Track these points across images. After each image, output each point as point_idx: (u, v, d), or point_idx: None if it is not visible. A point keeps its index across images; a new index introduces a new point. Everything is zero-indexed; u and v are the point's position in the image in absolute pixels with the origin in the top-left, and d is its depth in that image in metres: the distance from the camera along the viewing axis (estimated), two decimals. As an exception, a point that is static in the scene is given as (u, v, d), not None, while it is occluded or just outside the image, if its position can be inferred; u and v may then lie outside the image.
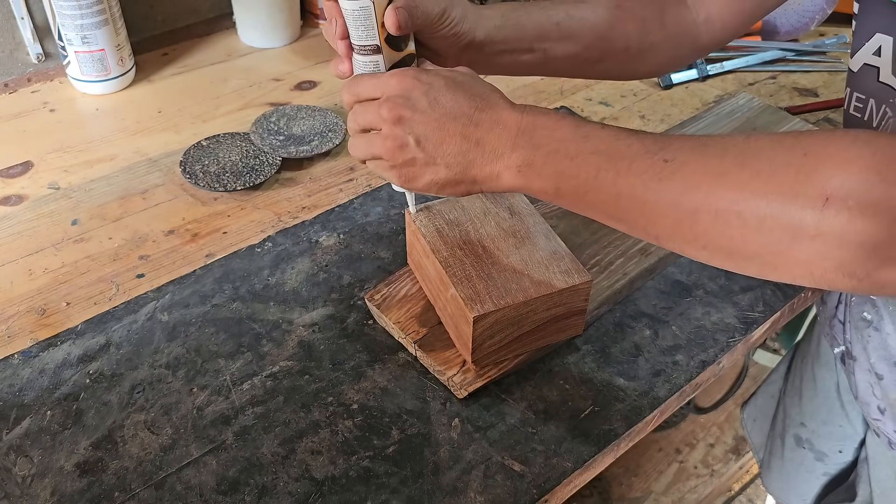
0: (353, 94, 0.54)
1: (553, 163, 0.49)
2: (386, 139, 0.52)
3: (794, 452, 0.93)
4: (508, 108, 0.51)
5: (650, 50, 0.67)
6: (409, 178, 0.53)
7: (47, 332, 0.67)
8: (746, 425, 1.07)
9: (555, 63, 0.65)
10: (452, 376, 0.62)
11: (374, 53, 0.55)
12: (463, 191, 0.53)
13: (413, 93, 0.51)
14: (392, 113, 0.51)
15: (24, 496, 0.55)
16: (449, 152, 0.51)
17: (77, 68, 0.95)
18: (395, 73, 0.53)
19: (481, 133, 0.51)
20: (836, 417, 0.86)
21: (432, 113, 0.51)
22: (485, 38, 0.60)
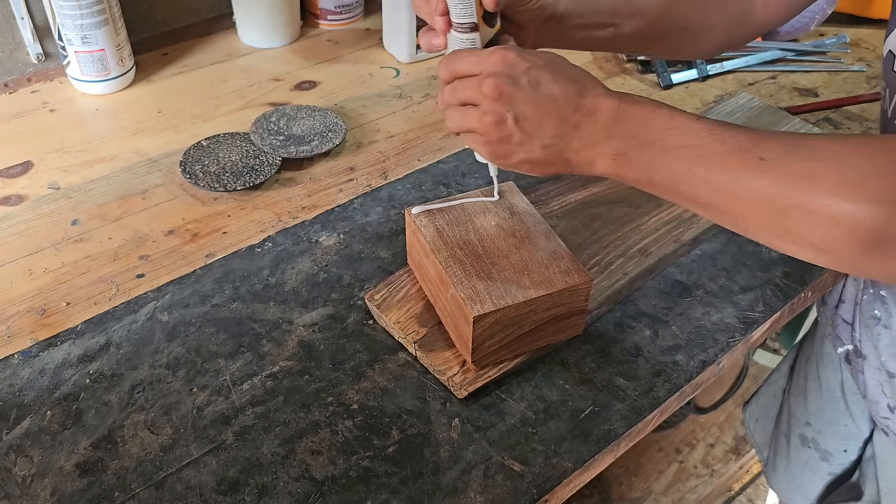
0: (452, 69, 0.55)
1: (647, 154, 0.50)
2: (484, 114, 0.53)
3: (800, 452, 0.93)
4: (605, 94, 0.52)
5: (709, 30, 0.69)
6: (502, 154, 0.54)
7: (47, 332, 0.67)
8: (749, 425, 1.07)
9: (623, 39, 0.66)
10: (452, 376, 0.62)
11: (472, 31, 0.56)
12: (553, 171, 0.55)
13: (514, 70, 0.52)
14: (493, 89, 0.52)
15: (24, 496, 0.55)
16: (546, 133, 0.52)
17: (77, 68, 0.95)
18: (496, 51, 0.53)
19: (579, 117, 0.51)
20: (841, 417, 0.86)
21: (533, 92, 0.52)
22: (565, 11, 0.61)
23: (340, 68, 1.06)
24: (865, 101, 1.00)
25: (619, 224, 0.76)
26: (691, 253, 0.76)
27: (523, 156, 0.54)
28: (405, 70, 1.06)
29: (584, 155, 0.52)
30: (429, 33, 0.59)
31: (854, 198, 0.44)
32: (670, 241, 0.74)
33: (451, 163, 0.88)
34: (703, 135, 0.49)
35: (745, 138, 0.48)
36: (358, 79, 1.04)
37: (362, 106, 0.98)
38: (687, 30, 0.68)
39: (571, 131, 0.52)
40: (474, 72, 0.54)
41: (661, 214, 0.77)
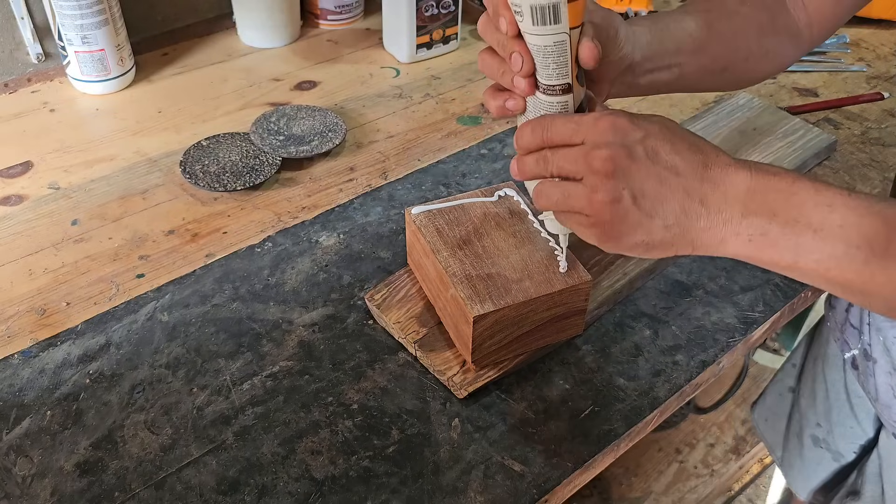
0: (544, 137, 0.48)
1: (792, 234, 0.44)
2: (595, 192, 0.46)
3: (813, 452, 0.93)
4: (734, 163, 0.46)
5: (765, 56, 0.65)
6: (615, 236, 0.47)
7: (47, 332, 0.67)
8: (758, 425, 1.07)
9: (687, 78, 0.61)
10: (452, 376, 0.62)
11: (565, 93, 0.48)
12: (673, 253, 0.48)
13: (628, 140, 0.45)
14: (606, 164, 0.45)
15: (24, 496, 0.55)
16: (669, 212, 0.46)
17: (77, 68, 0.95)
18: (603, 116, 0.46)
19: (706, 192, 0.45)
20: (847, 419, 0.86)
21: (653, 165, 0.45)
22: (641, 58, 0.56)
23: (340, 68, 1.06)
24: (865, 101, 1.00)
25: (619, 224, 0.76)
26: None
27: (641, 237, 0.47)
28: (405, 70, 1.06)
29: (714, 234, 0.46)
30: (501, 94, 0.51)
31: None
32: (670, 241, 0.74)
33: (451, 163, 0.88)
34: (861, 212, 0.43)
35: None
36: (358, 79, 1.04)
37: (362, 106, 0.98)
38: (748, 59, 0.63)
39: (698, 208, 0.45)
40: (575, 140, 0.47)
41: (661, 214, 0.77)
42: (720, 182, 0.45)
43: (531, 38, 0.46)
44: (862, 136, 0.94)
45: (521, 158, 0.50)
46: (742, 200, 0.45)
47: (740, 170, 0.46)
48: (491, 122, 0.96)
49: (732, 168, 0.46)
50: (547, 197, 0.49)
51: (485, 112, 0.98)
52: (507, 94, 0.51)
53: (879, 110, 0.98)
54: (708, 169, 0.46)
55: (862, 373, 0.78)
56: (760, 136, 0.88)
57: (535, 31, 0.46)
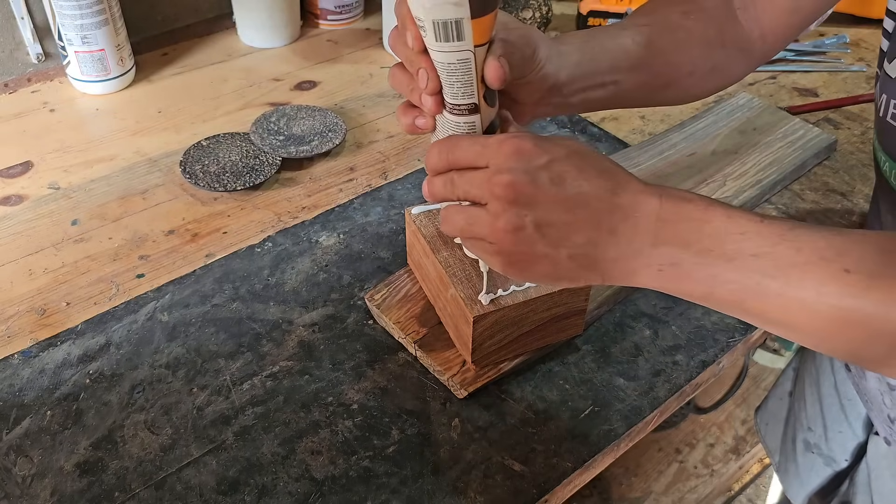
0: (449, 160, 0.46)
1: (706, 265, 0.42)
2: (496, 218, 0.43)
3: (805, 457, 0.93)
4: (643, 190, 0.44)
5: (712, 71, 0.63)
6: (520, 266, 0.45)
7: (47, 332, 0.67)
8: (760, 429, 1.07)
9: (625, 95, 0.59)
10: (452, 376, 0.62)
11: (472, 113, 0.47)
12: (582, 283, 0.46)
13: (532, 165, 0.43)
14: (508, 190, 0.43)
15: (24, 496, 0.55)
16: (575, 242, 0.43)
17: (77, 68, 0.95)
18: (507, 139, 0.44)
19: (616, 221, 0.43)
20: (836, 423, 0.86)
21: (558, 193, 0.43)
22: (566, 78, 0.53)
23: (340, 68, 1.06)
24: (865, 101, 1.00)
25: (619, 224, 0.76)
26: (691, 253, 0.76)
27: (546, 268, 0.44)
28: (405, 70, 1.06)
29: (624, 266, 0.44)
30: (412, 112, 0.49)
31: None
32: (670, 241, 0.74)
33: (451, 163, 0.88)
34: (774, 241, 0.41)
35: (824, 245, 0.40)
36: (358, 79, 1.04)
37: (362, 106, 0.98)
38: (693, 74, 0.61)
39: (606, 238, 0.43)
40: (479, 163, 0.45)
41: (661, 214, 0.77)
42: (630, 211, 0.43)
43: (435, 54, 0.45)
44: (862, 136, 0.94)
45: (431, 180, 0.48)
46: (652, 230, 0.43)
47: (651, 196, 0.43)
48: (491, 122, 0.96)
49: (643, 195, 0.43)
50: (452, 223, 0.47)
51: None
52: (418, 111, 0.49)
53: (879, 110, 0.98)
54: (617, 196, 0.43)
55: (856, 375, 0.78)
56: (760, 136, 0.88)
57: (439, 48, 0.44)
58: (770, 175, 0.83)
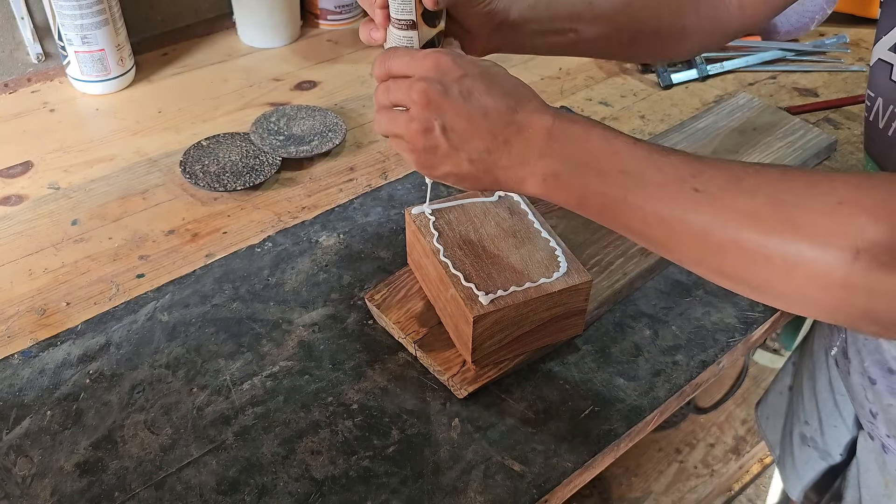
0: (386, 68, 0.53)
1: (580, 177, 0.48)
2: (412, 121, 0.50)
3: (801, 451, 0.93)
4: (541, 110, 0.49)
5: (681, 34, 0.66)
6: (428, 164, 0.52)
7: (47, 332, 0.67)
8: (760, 423, 1.07)
9: (585, 45, 0.63)
10: (452, 376, 0.62)
11: (410, 28, 0.54)
12: (482, 187, 0.52)
13: (447, 78, 0.49)
14: (422, 96, 0.49)
15: (24, 496, 0.55)
16: (474, 148, 0.49)
17: (77, 68, 0.95)
18: (430, 54, 0.51)
19: (510, 134, 0.49)
20: (831, 418, 0.86)
21: (464, 104, 0.49)
22: (518, 17, 0.59)
23: (340, 68, 1.06)
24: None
25: (619, 224, 0.76)
26: (691, 253, 0.76)
27: (449, 168, 0.51)
28: (405, 70, 1.06)
29: (513, 173, 0.50)
30: (368, 24, 0.57)
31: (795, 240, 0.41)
32: (670, 241, 0.74)
33: (451, 163, 0.88)
34: (641, 161, 0.47)
35: (683, 167, 0.46)
36: (358, 79, 1.04)
37: (362, 106, 0.98)
38: (658, 33, 0.66)
39: (501, 147, 0.49)
40: (407, 73, 0.51)
41: (661, 214, 0.77)
42: (524, 126, 0.49)
43: None
44: (862, 135, 0.94)
45: (377, 87, 0.54)
46: (540, 145, 0.48)
47: (544, 116, 0.49)
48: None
49: (538, 114, 0.49)
50: (378, 122, 0.53)
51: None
52: (373, 24, 0.56)
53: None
54: (515, 113, 0.49)
55: (842, 370, 0.79)
56: (760, 136, 0.88)
57: None
58: (770, 175, 0.82)
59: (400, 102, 0.52)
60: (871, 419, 0.74)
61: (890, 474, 0.75)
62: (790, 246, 0.42)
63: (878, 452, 0.76)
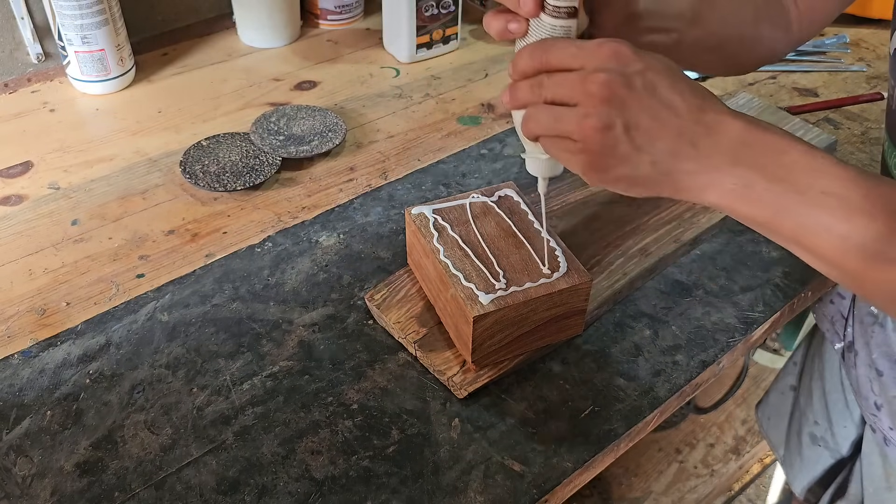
0: (543, 60, 0.46)
1: (776, 193, 0.43)
2: (587, 117, 0.44)
3: (812, 451, 0.93)
4: (730, 112, 0.45)
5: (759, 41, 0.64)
6: (601, 167, 0.46)
7: (47, 332, 0.67)
8: (762, 424, 1.07)
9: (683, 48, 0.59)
10: (452, 376, 0.62)
11: (570, 17, 0.47)
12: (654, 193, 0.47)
13: (629, 69, 0.44)
14: (603, 89, 0.44)
15: (24, 496, 0.55)
16: (658, 148, 0.45)
17: (77, 68, 0.95)
18: (605, 43, 0.45)
19: (698, 135, 0.44)
20: (841, 418, 0.86)
21: (649, 98, 0.44)
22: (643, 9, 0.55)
23: (340, 68, 1.06)
24: (865, 101, 1.00)
25: (618, 224, 0.76)
26: (691, 253, 0.76)
27: (626, 171, 0.45)
28: (405, 70, 1.06)
29: (699, 179, 0.45)
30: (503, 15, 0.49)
31: None
32: (670, 241, 0.74)
33: (451, 163, 0.88)
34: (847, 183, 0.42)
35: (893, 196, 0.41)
36: (358, 79, 1.04)
37: (362, 106, 0.98)
38: (742, 41, 0.62)
39: (688, 150, 0.44)
40: (574, 65, 0.45)
41: (662, 214, 0.77)
42: (714, 128, 0.44)
43: None
44: (862, 136, 0.94)
45: (515, 84, 0.48)
46: (733, 150, 0.44)
47: (736, 119, 0.45)
48: (491, 122, 0.96)
49: (728, 117, 0.45)
50: (536, 120, 0.47)
51: (485, 112, 0.98)
52: (511, 15, 0.49)
53: (879, 110, 0.98)
54: (704, 113, 0.45)
55: (847, 363, 0.79)
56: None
57: None
58: (770, 175, 0.83)
59: (563, 98, 0.46)
60: (874, 411, 0.74)
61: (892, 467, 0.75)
62: None
63: (881, 445, 0.76)
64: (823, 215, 0.43)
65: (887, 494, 0.77)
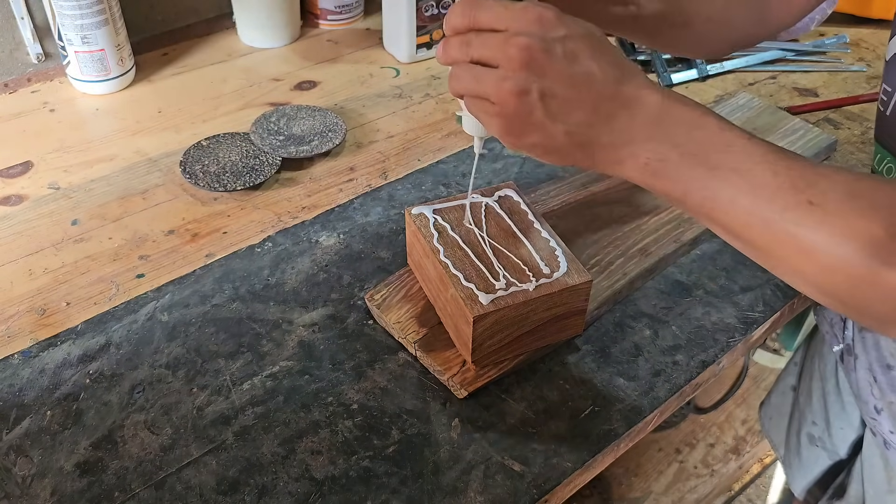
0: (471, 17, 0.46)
1: (688, 168, 0.44)
2: (504, 80, 0.44)
3: (810, 451, 0.93)
4: (649, 86, 0.45)
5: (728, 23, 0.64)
6: (516, 131, 0.46)
7: (47, 332, 0.67)
8: (764, 423, 1.07)
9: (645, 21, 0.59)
10: (452, 376, 0.62)
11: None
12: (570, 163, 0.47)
13: (551, 35, 0.44)
14: (522, 53, 0.43)
15: (24, 496, 0.55)
16: (573, 119, 0.44)
17: (77, 68, 0.95)
18: (531, 6, 0.45)
19: (615, 108, 0.44)
20: (838, 420, 0.86)
21: (568, 67, 0.43)
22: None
23: (340, 68, 1.06)
24: (865, 101, 1.00)
25: (619, 224, 0.76)
26: (691, 253, 0.76)
27: (540, 138, 0.46)
28: (405, 70, 1.06)
29: (614, 153, 0.45)
30: None
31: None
32: (670, 241, 0.74)
33: (451, 163, 0.88)
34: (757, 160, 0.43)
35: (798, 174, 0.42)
36: (358, 79, 1.04)
37: (362, 106, 0.98)
38: (710, 20, 0.62)
39: (603, 122, 0.44)
40: (499, 26, 0.45)
41: (661, 214, 0.77)
42: (630, 102, 0.44)
43: None
44: (862, 136, 0.94)
45: (447, 40, 0.48)
46: (647, 125, 0.44)
47: (653, 93, 0.45)
48: (491, 122, 0.96)
49: (646, 90, 0.45)
50: (458, 79, 0.47)
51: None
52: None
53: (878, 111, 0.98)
54: (622, 85, 0.44)
55: (847, 366, 0.79)
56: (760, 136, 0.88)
57: None
58: (770, 175, 0.83)
59: (487, 59, 0.45)
60: (874, 415, 0.74)
61: (893, 470, 0.75)
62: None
63: (882, 449, 0.76)
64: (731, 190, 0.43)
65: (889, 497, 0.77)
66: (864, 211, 0.41)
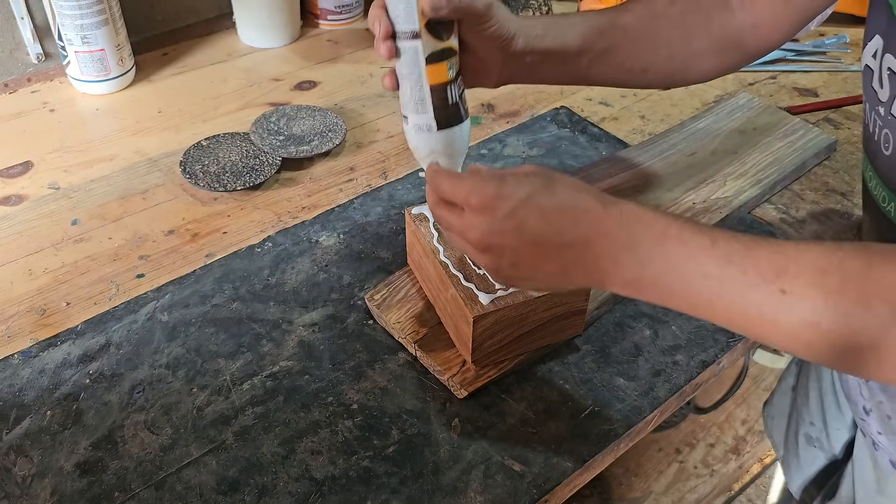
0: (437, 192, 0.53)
1: (662, 284, 0.47)
2: (478, 258, 0.51)
3: (807, 451, 0.93)
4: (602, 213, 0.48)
5: (695, 57, 0.66)
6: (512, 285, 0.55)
7: (47, 332, 0.67)
8: (766, 423, 1.07)
9: (598, 73, 0.63)
10: (452, 376, 0.62)
11: (413, 38, 0.53)
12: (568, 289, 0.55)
13: (497, 215, 0.48)
14: (479, 244, 0.49)
15: (24, 496, 0.55)
16: (547, 271, 0.49)
17: (77, 68, 0.95)
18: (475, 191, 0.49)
19: (576, 253, 0.48)
20: (835, 420, 0.87)
21: (521, 238, 0.48)
22: (524, 46, 0.59)
23: (340, 68, 1.06)
24: (865, 101, 1.00)
25: (619, 224, 0.76)
26: (691, 253, 0.76)
27: (527, 285, 0.53)
28: (405, 70, 1.06)
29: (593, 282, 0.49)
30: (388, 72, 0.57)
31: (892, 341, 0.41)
32: (670, 241, 0.74)
33: (451, 163, 0.88)
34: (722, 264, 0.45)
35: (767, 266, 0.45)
36: (358, 79, 1.04)
37: (362, 106, 0.98)
38: (672, 58, 0.65)
39: (572, 266, 0.48)
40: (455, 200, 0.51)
41: (661, 214, 0.77)
42: (590, 240, 0.48)
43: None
44: (862, 136, 0.94)
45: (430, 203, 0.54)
46: (613, 254, 0.47)
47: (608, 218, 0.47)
48: (491, 121, 0.96)
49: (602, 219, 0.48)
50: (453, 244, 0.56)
51: (485, 112, 0.98)
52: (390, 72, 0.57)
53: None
54: (576, 227, 0.48)
55: None
56: (760, 136, 0.88)
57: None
58: (770, 175, 0.83)
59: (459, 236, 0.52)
60: (863, 416, 0.74)
61: (881, 471, 0.75)
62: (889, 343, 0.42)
63: (871, 449, 0.76)
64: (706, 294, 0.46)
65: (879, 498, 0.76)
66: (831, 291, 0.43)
